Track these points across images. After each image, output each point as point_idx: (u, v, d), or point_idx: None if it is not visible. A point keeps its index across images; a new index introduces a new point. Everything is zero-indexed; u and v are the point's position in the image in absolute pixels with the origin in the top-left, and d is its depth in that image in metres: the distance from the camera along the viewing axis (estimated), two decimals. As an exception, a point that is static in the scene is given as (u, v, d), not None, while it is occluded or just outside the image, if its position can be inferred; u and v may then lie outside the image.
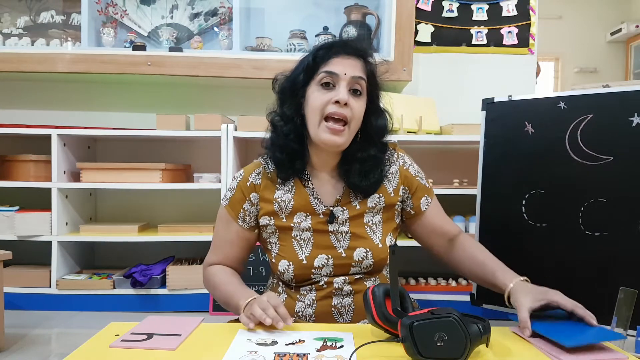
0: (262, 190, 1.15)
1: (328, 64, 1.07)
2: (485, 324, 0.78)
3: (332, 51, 1.08)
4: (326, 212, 1.13)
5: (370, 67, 1.12)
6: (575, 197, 1.75)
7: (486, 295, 1.97)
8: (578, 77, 5.87)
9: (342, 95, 1.04)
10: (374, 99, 1.13)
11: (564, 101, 1.80)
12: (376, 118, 1.13)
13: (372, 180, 1.12)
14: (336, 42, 1.11)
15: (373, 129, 1.12)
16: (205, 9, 2.81)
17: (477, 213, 2.00)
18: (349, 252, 1.11)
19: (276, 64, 2.50)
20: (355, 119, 1.07)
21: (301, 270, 1.10)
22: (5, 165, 2.51)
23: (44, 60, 2.48)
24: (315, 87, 1.08)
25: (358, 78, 1.07)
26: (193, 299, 2.40)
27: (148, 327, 0.92)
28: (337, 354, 0.79)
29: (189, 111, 2.68)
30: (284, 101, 1.13)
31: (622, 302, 1.17)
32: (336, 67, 1.06)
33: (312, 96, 1.08)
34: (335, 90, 1.06)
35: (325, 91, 1.07)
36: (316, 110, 1.07)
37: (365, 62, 1.11)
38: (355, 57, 1.09)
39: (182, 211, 2.76)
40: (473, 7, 2.77)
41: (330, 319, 1.11)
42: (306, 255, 1.10)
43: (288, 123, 1.11)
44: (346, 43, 1.10)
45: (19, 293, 2.37)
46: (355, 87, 1.07)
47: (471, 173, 2.37)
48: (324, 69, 1.07)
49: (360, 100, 1.08)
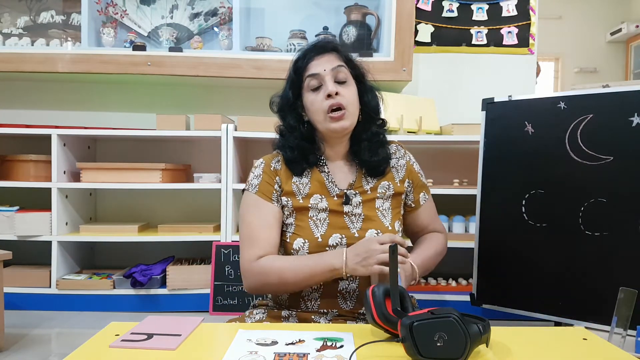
0: (282, 174, 1.22)
1: (308, 69, 1.18)
2: (485, 323, 0.78)
3: (307, 58, 1.19)
4: (340, 194, 1.20)
5: (345, 55, 1.22)
6: (575, 197, 1.75)
7: (486, 295, 1.97)
8: (578, 77, 5.87)
9: (330, 87, 1.14)
10: (361, 80, 1.23)
11: (564, 101, 1.80)
12: (368, 96, 1.23)
13: (381, 155, 1.22)
14: (307, 49, 1.21)
15: (369, 108, 1.23)
16: (205, 9, 2.81)
17: (477, 213, 2.00)
18: (362, 232, 1.17)
19: (276, 64, 2.50)
20: (350, 102, 1.17)
21: (316, 248, 1.16)
22: (5, 165, 2.51)
23: (44, 60, 2.48)
24: (308, 93, 1.19)
25: (337, 67, 1.17)
26: (193, 299, 2.40)
27: (148, 327, 0.92)
28: (337, 354, 0.79)
29: (189, 111, 2.68)
30: (285, 116, 1.23)
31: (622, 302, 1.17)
32: (316, 68, 1.17)
33: (309, 102, 1.18)
34: (324, 87, 1.16)
35: (316, 93, 1.17)
36: (317, 111, 1.17)
37: (338, 53, 1.21)
38: (328, 52, 1.20)
39: (182, 211, 2.77)
40: (473, 7, 2.77)
41: (334, 304, 1.15)
42: (322, 233, 1.17)
43: (295, 131, 1.21)
44: (315, 45, 1.21)
45: (19, 293, 2.37)
46: (339, 78, 1.17)
47: (471, 173, 2.37)
48: (307, 74, 1.18)
49: (348, 87, 1.18)
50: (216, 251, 2.36)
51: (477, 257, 1.99)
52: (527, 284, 1.85)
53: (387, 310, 0.85)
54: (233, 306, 2.32)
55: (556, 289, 1.78)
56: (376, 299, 0.86)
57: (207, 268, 2.40)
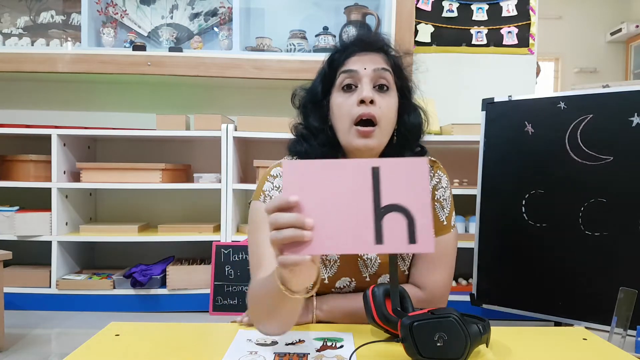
0: None
1: (345, 64, 0.96)
2: (485, 323, 0.78)
3: (347, 51, 0.97)
4: None
5: (394, 60, 1.00)
6: (575, 197, 1.75)
7: (486, 295, 1.97)
8: (578, 77, 5.86)
9: (366, 92, 0.92)
10: (405, 94, 1.00)
11: (564, 101, 1.80)
12: (409, 115, 1.00)
13: None
14: (351, 42, 0.98)
15: (407, 128, 0.99)
16: (205, 9, 2.81)
17: (477, 213, 2.00)
18: (374, 277, 1.04)
19: (276, 64, 2.50)
20: (386, 117, 0.94)
21: (321, 289, 1.02)
22: (5, 165, 2.51)
23: (44, 60, 2.48)
24: (337, 92, 0.97)
25: (381, 70, 0.95)
26: (193, 299, 2.39)
27: None
28: (337, 354, 0.79)
29: (189, 111, 2.68)
30: (307, 115, 1.02)
31: (622, 302, 1.17)
32: (354, 64, 0.95)
33: (336, 103, 0.97)
34: (359, 89, 0.94)
35: (348, 94, 0.95)
36: (343, 117, 0.95)
37: (387, 55, 0.99)
38: (375, 51, 0.97)
39: (182, 211, 2.77)
40: (473, 7, 2.77)
41: (354, 268, 1.02)
42: (329, 275, 1.03)
43: (319, 135, 0.99)
44: (361, 39, 0.98)
45: (19, 293, 2.37)
46: (380, 82, 0.95)
47: (471, 173, 2.37)
48: (342, 70, 0.96)
49: (388, 96, 0.95)
50: (216, 251, 2.36)
51: (477, 257, 1.99)
52: (527, 284, 1.85)
53: (387, 310, 0.84)
54: (233, 306, 2.31)
55: (556, 289, 1.78)
56: (376, 299, 0.86)
57: (207, 268, 2.40)
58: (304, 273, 0.68)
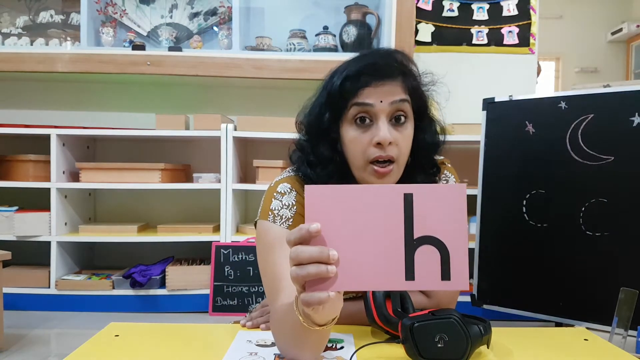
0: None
1: (359, 95, 0.85)
2: (485, 324, 0.78)
3: (361, 81, 0.85)
4: None
5: (412, 82, 0.90)
6: (576, 197, 1.74)
7: (487, 296, 1.97)
8: (579, 77, 5.86)
9: (384, 134, 0.83)
10: (422, 115, 0.93)
11: (564, 101, 1.79)
12: (425, 134, 0.93)
13: None
14: (365, 67, 0.86)
15: (421, 149, 0.93)
16: (205, 8, 2.80)
17: (477, 213, 2.00)
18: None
19: (276, 64, 2.50)
20: (403, 154, 0.88)
21: None
22: (4, 165, 2.51)
23: (43, 60, 2.47)
24: (349, 125, 0.87)
25: (399, 102, 0.86)
26: (193, 300, 2.39)
27: None
28: (337, 355, 0.78)
29: (188, 111, 2.68)
30: (316, 144, 0.92)
31: (623, 302, 1.17)
32: (370, 97, 0.85)
33: (348, 137, 0.87)
34: (374, 126, 0.85)
35: (362, 130, 0.86)
36: (357, 154, 0.87)
37: (404, 79, 0.89)
38: (392, 78, 0.86)
39: (181, 211, 2.76)
40: (473, 7, 2.77)
41: None
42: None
43: (329, 164, 0.91)
44: (375, 64, 0.87)
45: (18, 293, 2.36)
46: (397, 115, 0.86)
47: (471, 173, 2.36)
48: (354, 101, 0.85)
49: (404, 130, 0.87)
50: (215, 251, 2.35)
51: (477, 258, 1.99)
52: (528, 285, 1.84)
53: (388, 311, 0.84)
54: (233, 307, 2.31)
55: (557, 290, 1.77)
56: (376, 300, 0.86)
57: (206, 268, 2.40)
58: (328, 308, 0.62)
